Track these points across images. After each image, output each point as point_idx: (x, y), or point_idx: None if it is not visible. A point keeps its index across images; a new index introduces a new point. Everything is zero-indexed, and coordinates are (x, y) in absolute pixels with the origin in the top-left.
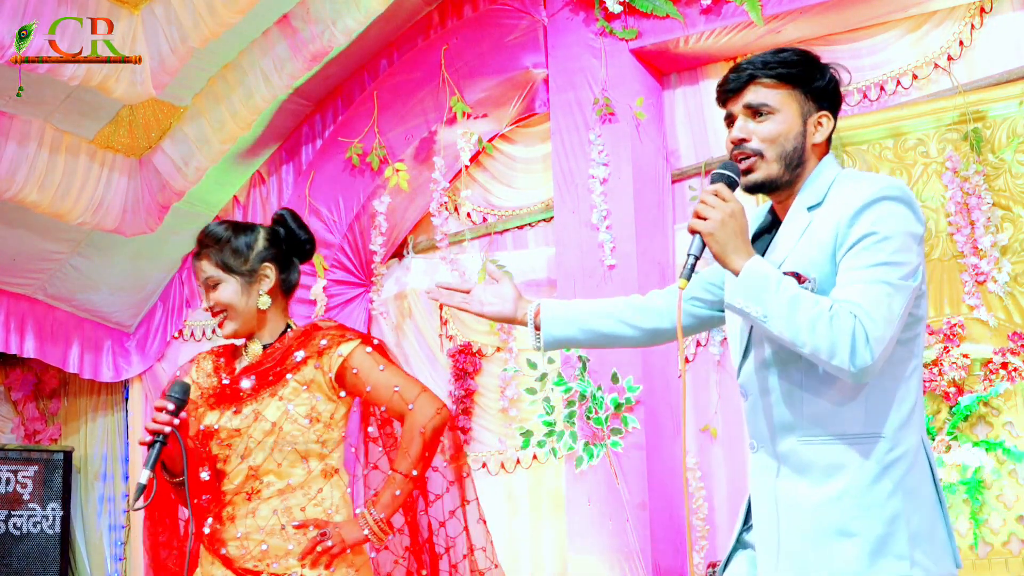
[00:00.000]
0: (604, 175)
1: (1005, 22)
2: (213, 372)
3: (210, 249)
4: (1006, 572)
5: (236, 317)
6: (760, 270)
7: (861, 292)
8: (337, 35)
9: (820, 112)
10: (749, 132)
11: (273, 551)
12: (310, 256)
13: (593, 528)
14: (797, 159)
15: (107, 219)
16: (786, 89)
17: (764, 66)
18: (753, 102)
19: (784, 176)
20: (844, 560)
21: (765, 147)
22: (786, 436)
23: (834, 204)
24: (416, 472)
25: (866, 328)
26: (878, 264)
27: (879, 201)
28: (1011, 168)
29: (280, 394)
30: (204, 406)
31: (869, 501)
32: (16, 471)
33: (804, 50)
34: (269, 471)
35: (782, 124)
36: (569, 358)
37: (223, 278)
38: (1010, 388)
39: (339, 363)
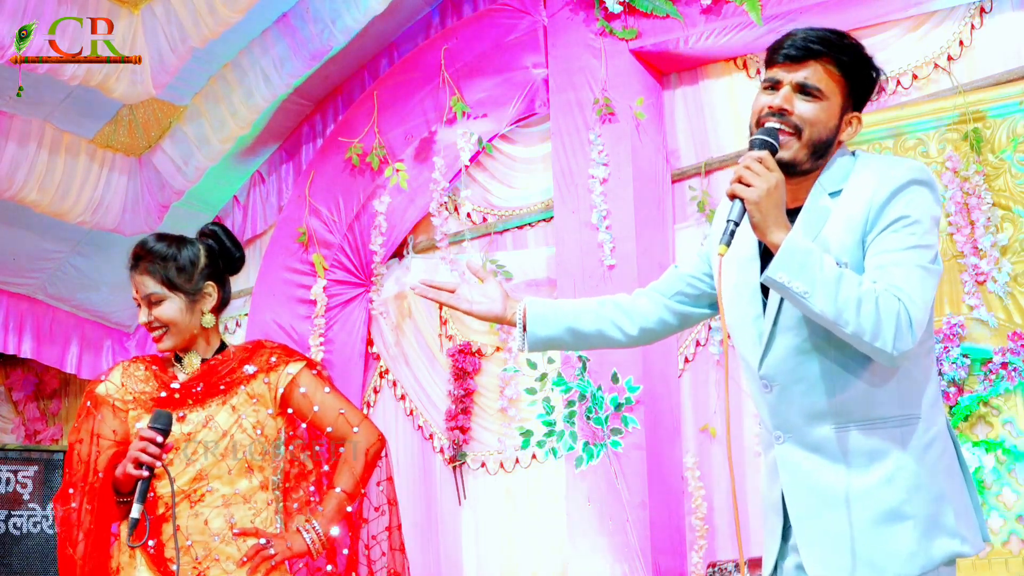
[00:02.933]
0: (604, 175)
1: (1005, 22)
2: (151, 378)
3: (153, 265)
4: (1006, 572)
5: (177, 334)
6: (803, 245)
7: (904, 276)
8: (336, 34)
9: (854, 112)
10: (792, 106)
11: (214, 556)
12: (239, 270)
13: (593, 528)
14: (824, 150)
15: (107, 218)
16: (840, 79)
17: (833, 48)
18: (809, 82)
19: (807, 163)
20: (901, 542)
21: (804, 127)
22: (821, 424)
23: (860, 188)
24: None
25: (909, 311)
26: (912, 247)
27: (910, 185)
28: (1011, 168)
29: (231, 403)
30: (140, 409)
31: (918, 482)
32: (16, 471)
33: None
34: (217, 477)
35: (825, 112)
36: (569, 358)
37: (167, 295)
38: (1010, 388)
39: (287, 381)
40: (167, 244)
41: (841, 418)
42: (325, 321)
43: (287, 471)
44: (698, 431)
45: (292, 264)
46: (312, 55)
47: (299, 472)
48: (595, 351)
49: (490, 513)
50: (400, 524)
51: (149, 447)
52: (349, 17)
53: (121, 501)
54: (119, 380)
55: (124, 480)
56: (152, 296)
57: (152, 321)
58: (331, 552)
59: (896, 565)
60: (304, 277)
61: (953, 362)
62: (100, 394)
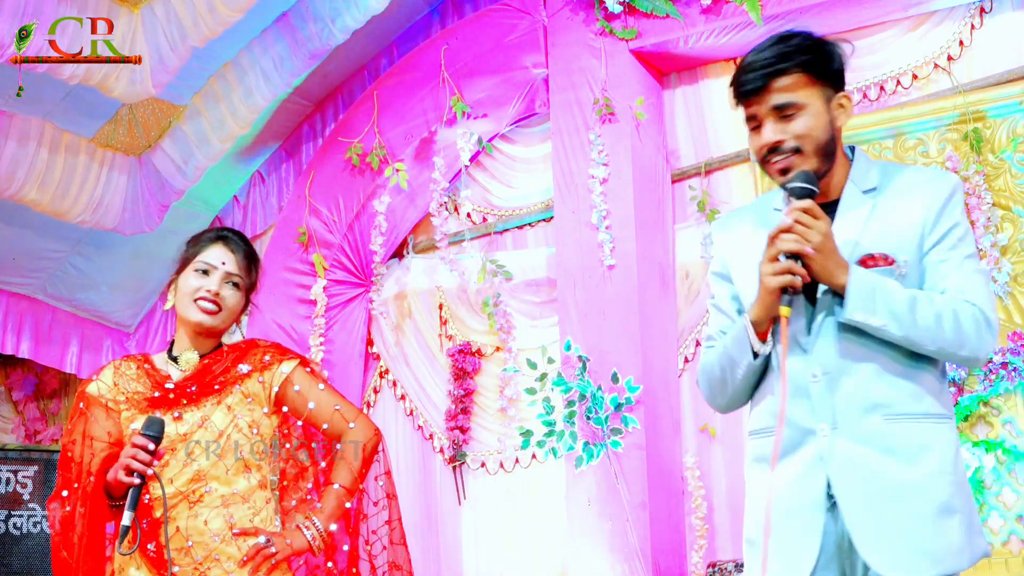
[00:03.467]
0: (604, 175)
1: (1005, 22)
2: (144, 376)
3: (239, 247)
4: (1006, 572)
5: (227, 318)
6: (869, 281)
7: (972, 284)
8: (336, 34)
9: (840, 93)
10: (781, 132)
11: (214, 556)
12: None
13: (593, 528)
14: (831, 147)
15: (107, 218)
16: (807, 79)
17: (781, 59)
18: (781, 102)
19: (823, 167)
20: (954, 536)
21: (803, 143)
22: (871, 415)
23: (908, 192)
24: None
25: (985, 313)
26: (970, 256)
27: (956, 193)
28: (1011, 168)
29: (227, 403)
30: (134, 409)
31: (960, 478)
32: (16, 471)
33: (808, 32)
34: (215, 477)
35: (812, 118)
36: (569, 358)
37: (239, 288)
38: (1010, 388)
39: (282, 379)
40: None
41: (891, 410)
42: (325, 321)
43: (284, 470)
44: (698, 431)
45: (292, 264)
46: (312, 54)
47: (297, 471)
48: (595, 351)
49: (490, 513)
50: (400, 517)
51: (140, 454)
52: (349, 16)
53: (113, 505)
54: (111, 380)
55: (116, 485)
56: (235, 278)
57: (221, 295)
58: (331, 548)
59: (951, 559)
60: (304, 277)
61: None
62: (92, 394)
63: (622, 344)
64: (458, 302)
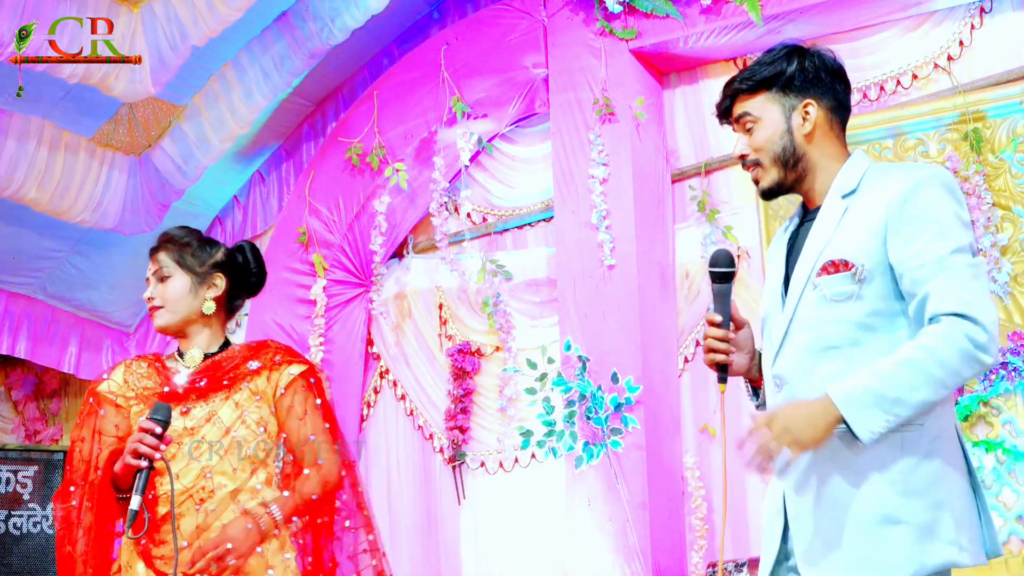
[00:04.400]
0: (604, 175)
1: (1005, 22)
2: (154, 374)
3: (170, 244)
4: (1006, 572)
5: (173, 312)
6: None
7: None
8: (336, 33)
9: (804, 102)
10: (745, 146)
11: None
12: (256, 291)
13: (593, 528)
14: (791, 157)
15: (106, 218)
16: (763, 93)
17: (740, 79)
18: (741, 116)
19: (788, 176)
20: (895, 547)
21: (760, 156)
22: None
23: (875, 192)
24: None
25: (972, 317)
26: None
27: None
28: (1011, 168)
29: (234, 399)
30: (143, 404)
31: (915, 488)
32: (16, 471)
33: (784, 46)
34: (222, 473)
35: (765, 130)
36: (569, 358)
37: (176, 272)
38: (1010, 388)
39: (288, 380)
40: (188, 232)
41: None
42: (325, 321)
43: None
44: (698, 431)
45: (292, 264)
46: (311, 54)
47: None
48: (595, 351)
49: (489, 513)
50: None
51: (147, 437)
52: (349, 16)
53: (121, 497)
54: (121, 378)
55: (123, 474)
56: (162, 271)
57: (154, 297)
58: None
59: (888, 570)
60: (304, 277)
61: None
62: (102, 392)
63: (622, 344)
64: (458, 302)
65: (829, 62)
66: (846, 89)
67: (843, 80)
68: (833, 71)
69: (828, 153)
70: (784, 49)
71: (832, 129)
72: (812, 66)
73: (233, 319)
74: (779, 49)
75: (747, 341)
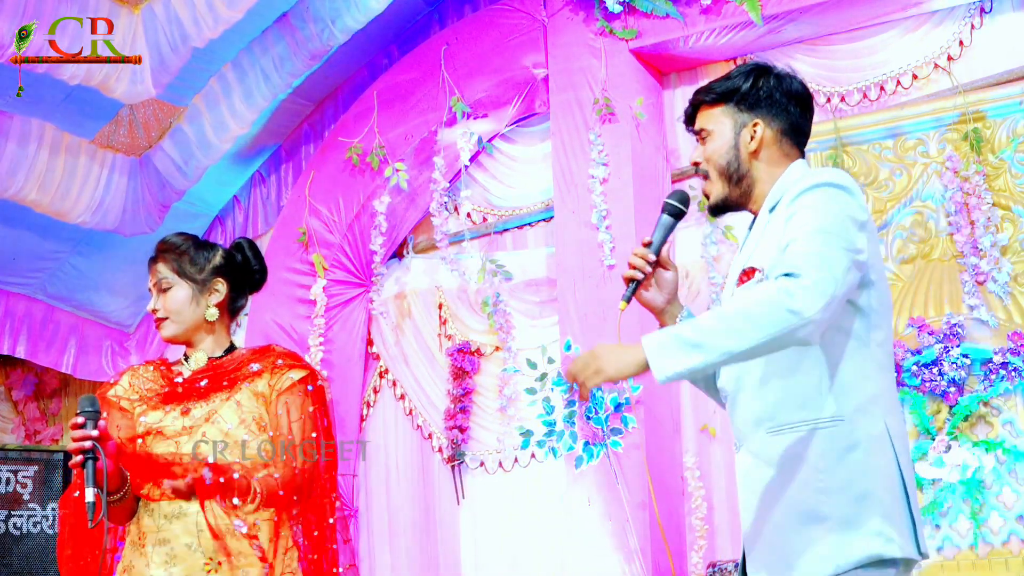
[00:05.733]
0: (604, 175)
1: (1005, 22)
2: (159, 377)
3: (168, 254)
4: (1006, 572)
5: (179, 323)
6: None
7: (792, 253)
8: (336, 34)
9: (753, 120)
10: (699, 154)
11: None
12: (259, 287)
13: (593, 528)
14: (735, 172)
15: (107, 219)
16: (719, 107)
17: (699, 92)
18: (697, 128)
19: (732, 191)
20: (816, 543)
21: (708, 167)
22: (759, 429)
23: (786, 200)
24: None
25: (800, 277)
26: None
27: (815, 188)
28: (1011, 168)
29: (236, 399)
30: (145, 406)
31: (836, 483)
32: (16, 471)
33: (754, 63)
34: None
35: (715, 142)
36: (569, 358)
37: (176, 282)
38: (1010, 388)
39: (286, 385)
40: (185, 239)
41: (774, 423)
42: (325, 321)
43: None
44: (698, 431)
45: (292, 264)
46: (312, 55)
47: None
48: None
49: (489, 513)
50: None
51: (74, 433)
52: (349, 17)
53: (113, 501)
54: (127, 382)
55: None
56: (163, 282)
57: (159, 309)
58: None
59: (810, 565)
60: (304, 277)
61: (953, 362)
62: (109, 397)
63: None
64: (458, 302)
65: (787, 84)
66: (804, 113)
67: (801, 104)
68: (791, 94)
69: (774, 173)
70: (750, 66)
71: (781, 149)
72: (767, 87)
73: (236, 320)
74: (748, 65)
75: (669, 284)
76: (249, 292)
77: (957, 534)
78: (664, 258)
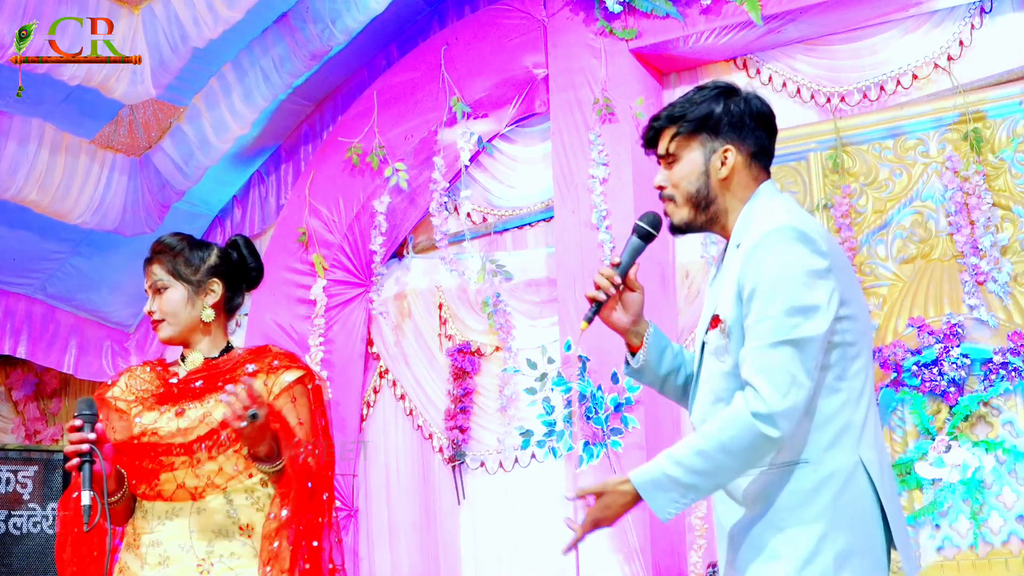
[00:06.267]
0: (604, 175)
1: (1005, 22)
2: (155, 378)
3: (163, 255)
4: (1006, 572)
5: (175, 324)
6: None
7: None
8: (337, 34)
9: (724, 147)
10: (663, 179)
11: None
12: (256, 284)
13: None
14: (704, 199)
15: (107, 219)
16: (688, 133)
17: (667, 116)
18: (663, 151)
19: (698, 217)
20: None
21: (674, 192)
22: None
23: (743, 246)
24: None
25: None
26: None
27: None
28: (1011, 168)
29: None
30: (141, 407)
31: (795, 524)
32: (16, 471)
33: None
34: (217, 473)
35: (683, 168)
36: (569, 358)
37: (172, 283)
38: (1010, 388)
39: (282, 386)
40: (180, 239)
41: None
42: (325, 321)
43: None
44: None
45: (292, 264)
46: (312, 55)
47: None
48: (595, 352)
49: (489, 513)
50: None
51: (72, 435)
52: (349, 17)
53: (114, 504)
54: (124, 384)
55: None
56: (158, 283)
57: (155, 311)
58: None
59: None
60: (304, 277)
61: (953, 362)
62: (107, 398)
63: (622, 344)
64: (458, 302)
65: (755, 107)
66: (770, 135)
67: (768, 126)
68: (759, 117)
69: (742, 197)
70: (715, 89)
71: (750, 173)
72: (738, 111)
73: (233, 319)
74: (710, 88)
75: (636, 305)
76: (246, 290)
77: (957, 534)
78: (631, 280)
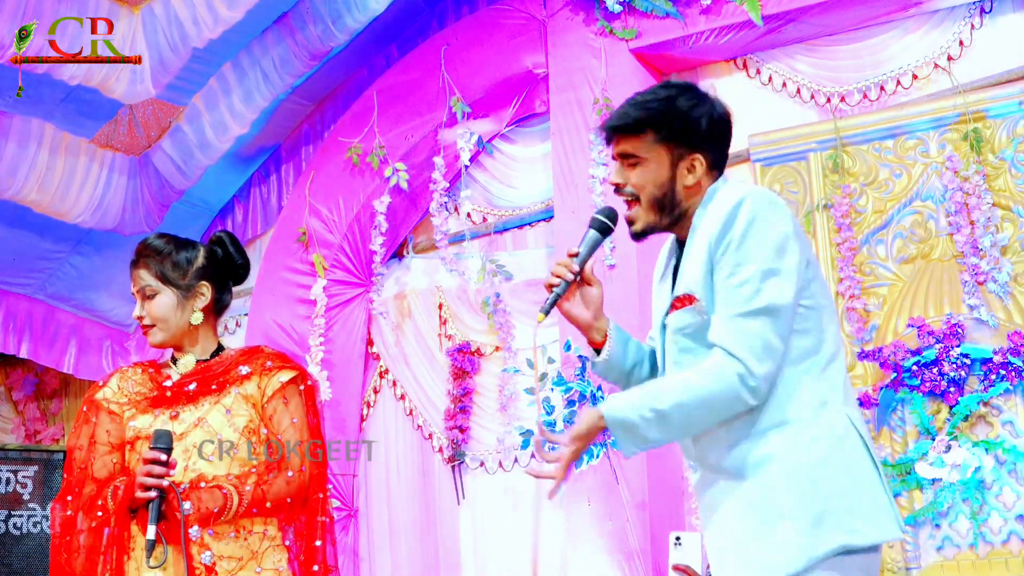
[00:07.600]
0: (604, 175)
1: (1005, 22)
2: (148, 380)
3: (150, 259)
4: (1006, 572)
5: (166, 329)
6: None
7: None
8: (337, 34)
9: (692, 155)
10: (622, 177)
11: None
12: (243, 280)
13: (593, 528)
14: (670, 204)
15: (107, 218)
16: (653, 136)
17: (628, 118)
18: (626, 151)
19: (663, 220)
20: (785, 541)
21: (639, 193)
22: (714, 444)
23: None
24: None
25: (748, 367)
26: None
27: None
28: (1011, 168)
29: (223, 403)
30: (134, 410)
31: (796, 483)
32: (16, 471)
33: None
34: (214, 478)
35: (649, 172)
36: (569, 358)
37: (160, 289)
38: (1010, 388)
39: (275, 387)
40: (166, 241)
41: (730, 436)
42: (325, 321)
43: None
44: None
45: (292, 264)
46: (312, 55)
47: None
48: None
49: (489, 512)
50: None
51: (154, 468)
52: (349, 17)
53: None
54: (116, 385)
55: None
56: (146, 289)
57: (144, 316)
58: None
59: (783, 563)
60: (304, 277)
61: (953, 362)
62: (98, 400)
63: None
64: (458, 302)
65: (719, 112)
66: (730, 138)
67: (729, 133)
68: (723, 122)
69: (703, 200)
70: (681, 92)
71: (711, 178)
72: (708, 120)
73: (222, 318)
74: (676, 89)
75: (595, 300)
76: (233, 286)
77: (957, 534)
78: (588, 274)
